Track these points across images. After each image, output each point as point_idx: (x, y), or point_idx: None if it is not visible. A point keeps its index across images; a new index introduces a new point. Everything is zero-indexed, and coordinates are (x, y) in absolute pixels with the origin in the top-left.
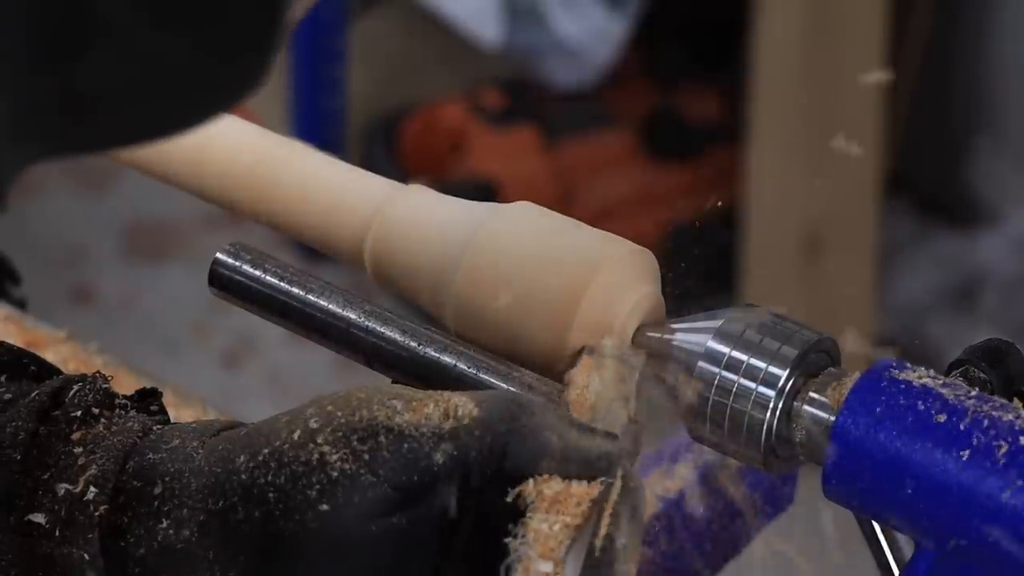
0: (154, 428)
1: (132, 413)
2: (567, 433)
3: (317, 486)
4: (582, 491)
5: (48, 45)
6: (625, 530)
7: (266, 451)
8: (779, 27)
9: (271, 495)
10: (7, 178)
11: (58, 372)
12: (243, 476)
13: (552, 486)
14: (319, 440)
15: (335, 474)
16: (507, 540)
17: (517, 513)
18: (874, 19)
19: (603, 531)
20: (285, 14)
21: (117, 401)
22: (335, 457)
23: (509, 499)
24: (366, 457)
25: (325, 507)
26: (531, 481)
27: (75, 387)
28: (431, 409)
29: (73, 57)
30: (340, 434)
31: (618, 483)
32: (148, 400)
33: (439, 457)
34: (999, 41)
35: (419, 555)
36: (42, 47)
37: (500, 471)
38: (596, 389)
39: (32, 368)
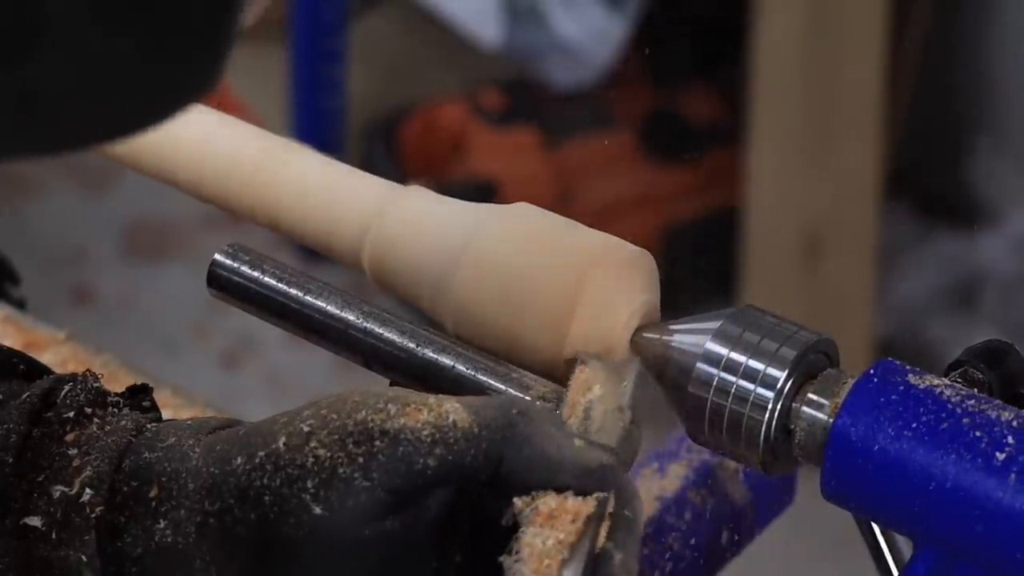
0: (148, 426)
1: (125, 411)
2: (564, 443)
3: (311, 489)
4: (577, 506)
5: None
6: (621, 544)
7: (262, 453)
8: (779, 27)
9: (267, 498)
10: None
11: (48, 372)
12: (240, 478)
13: (547, 502)
14: (314, 443)
15: (329, 477)
16: (501, 558)
17: (513, 523)
18: (874, 19)
19: (600, 545)
20: (237, 17)
21: (109, 399)
22: (329, 460)
23: (504, 522)
24: (360, 460)
25: (319, 510)
26: (526, 496)
27: (66, 387)
28: (426, 414)
29: (22, 57)
30: (335, 437)
31: (613, 497)
32: (139, 396)
33: (433, 461)
34: (999, 41)
35: (413, 559)
36: None
37: (496, 476)
38: (591, 401)
39: (22, 368)
